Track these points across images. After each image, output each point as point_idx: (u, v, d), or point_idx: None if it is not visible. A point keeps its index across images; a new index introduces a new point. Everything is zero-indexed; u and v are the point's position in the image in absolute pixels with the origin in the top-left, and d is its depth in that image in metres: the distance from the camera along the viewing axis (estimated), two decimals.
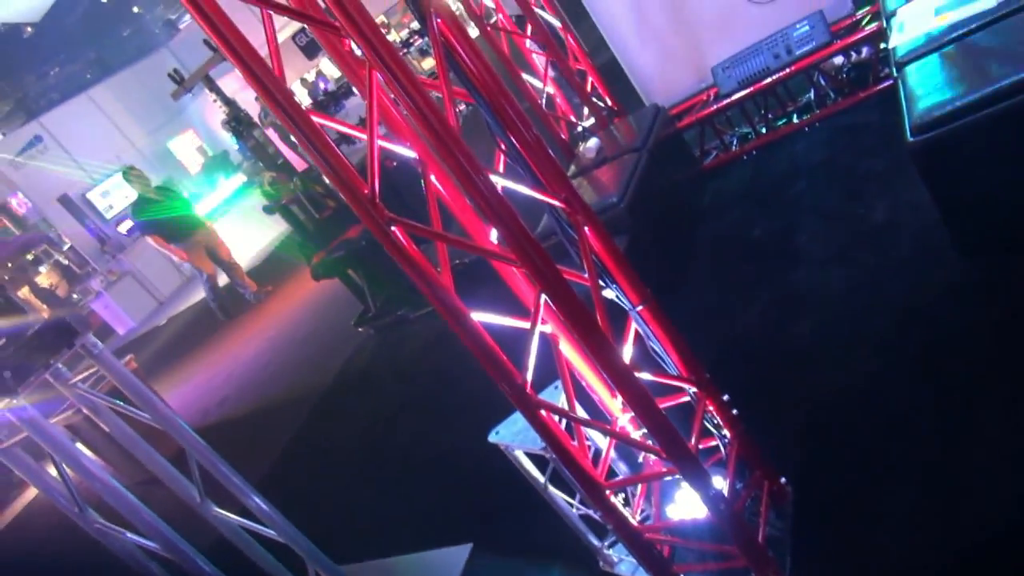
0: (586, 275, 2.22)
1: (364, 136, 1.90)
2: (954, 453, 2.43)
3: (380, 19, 14.30)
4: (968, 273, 2.98)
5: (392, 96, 2.11)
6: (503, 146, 2.15)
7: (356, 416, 5.42)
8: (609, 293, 2.34)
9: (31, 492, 8.15)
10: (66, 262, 17.79)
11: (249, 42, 1.73)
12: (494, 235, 2.27)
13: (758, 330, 3.55)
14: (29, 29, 21.25)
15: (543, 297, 2.03)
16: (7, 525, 8.01)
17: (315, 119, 1.82)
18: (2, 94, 22.10)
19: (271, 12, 1.78)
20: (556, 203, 2.20)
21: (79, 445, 5.94)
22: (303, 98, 13.82)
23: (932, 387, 2.69)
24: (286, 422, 5.94)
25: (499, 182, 1.99)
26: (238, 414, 6.86)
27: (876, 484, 2.52)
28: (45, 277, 17.88)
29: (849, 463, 2.66)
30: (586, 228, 2.23)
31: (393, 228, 1.85)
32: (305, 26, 5.96)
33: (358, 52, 2.04)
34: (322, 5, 1.82)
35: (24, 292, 16.90)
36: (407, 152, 2.12)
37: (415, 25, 13.88)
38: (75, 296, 17.01)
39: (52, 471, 3.10)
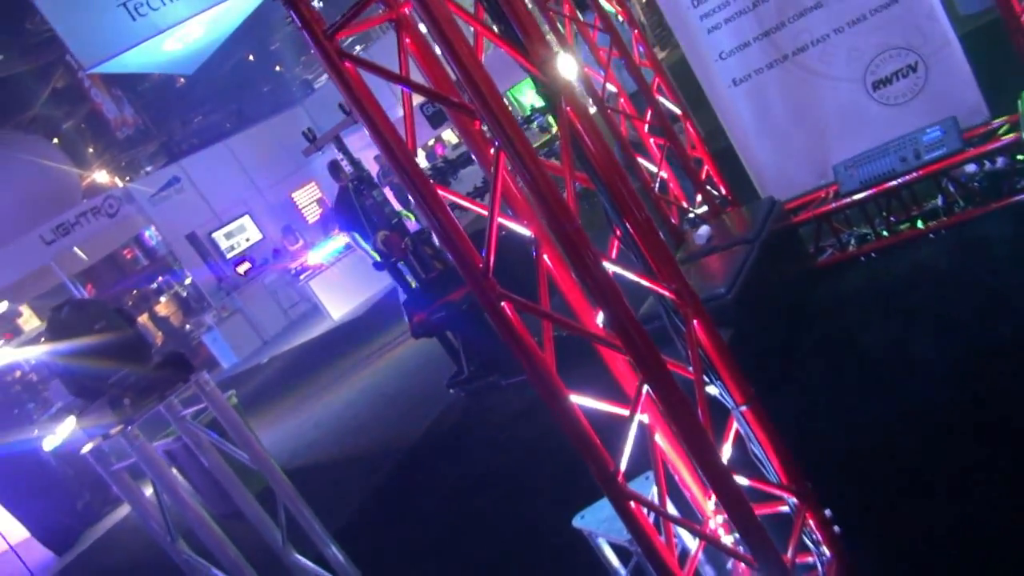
0: (690, 368, 2.18)
1: (484, 212, 1.96)
2: None
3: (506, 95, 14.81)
4: None
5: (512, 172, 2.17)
6: (618, 232, 2.17)
7: (439, 478, 5.42)
8: (712, 389, 2.29)
9: (123, 510, 8.49)
10: (184, 295, 18.93)
11: (388, 119, 1.83)
12: (600, 317, 2.27)
13: (866, 444, 3.36)
14: (182, 80, 23.21)
15: (645, 387, 2.00)
16: (97, 539, 8.35)
17: (439, 192, 1.89)
18: (150, 136, 24.11)
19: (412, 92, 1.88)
20: (666, 293, 2.19)
21: (174, 470, 6.20)
22: (421, 161, 14.38)
23: None
24: (369, 475, 6.01)
25: (611, 268, 2.00)
26: (324, 460, 6.99)
27: None
28: (164, 306, 19.07)
29: None
30: (694, 321, 2.21)
31: (503, 303, 1.88)
32: None
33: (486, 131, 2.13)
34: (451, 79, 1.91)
35: (143, 319, 18.07)
36: (523, 230, 2.16)
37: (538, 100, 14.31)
38: (187, 327, 18.01)
39: (148, 493, 3.24)
